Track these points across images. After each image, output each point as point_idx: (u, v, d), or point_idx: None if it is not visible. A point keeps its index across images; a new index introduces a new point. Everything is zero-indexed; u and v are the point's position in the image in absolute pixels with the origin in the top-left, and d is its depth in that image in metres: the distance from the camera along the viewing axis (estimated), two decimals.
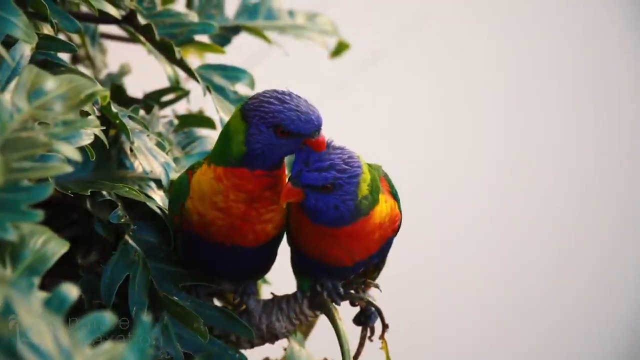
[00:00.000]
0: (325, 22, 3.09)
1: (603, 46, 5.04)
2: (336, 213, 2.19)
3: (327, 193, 2.16)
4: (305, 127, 2.15)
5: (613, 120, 4.96)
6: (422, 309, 4.50)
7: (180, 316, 2.27)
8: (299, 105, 2.16)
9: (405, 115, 4.95)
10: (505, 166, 4.88)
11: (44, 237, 1.73)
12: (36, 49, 2.14)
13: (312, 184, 2.16)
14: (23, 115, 1.66)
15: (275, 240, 2.36)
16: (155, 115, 2.71)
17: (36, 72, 1.71)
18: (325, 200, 2.17)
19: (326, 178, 2.15)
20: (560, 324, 4.56)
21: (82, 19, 2.66)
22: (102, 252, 2.46)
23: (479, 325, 4.54)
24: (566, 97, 5.01)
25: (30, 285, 1.62)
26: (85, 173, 2.43)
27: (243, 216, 2.25)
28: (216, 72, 2.66)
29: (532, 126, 4.95)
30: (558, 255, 4.71)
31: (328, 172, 2.14)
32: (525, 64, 5.04)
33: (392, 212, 2.29)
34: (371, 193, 2.21)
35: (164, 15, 2.61)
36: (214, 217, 2.26)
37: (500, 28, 5.07)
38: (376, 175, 2.26)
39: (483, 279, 4.65)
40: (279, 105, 2.15)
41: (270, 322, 2.41)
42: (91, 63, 2.99)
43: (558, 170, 4.89)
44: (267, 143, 2.17)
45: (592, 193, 4.84)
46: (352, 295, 2.37)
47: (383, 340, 2.39)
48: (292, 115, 2.14)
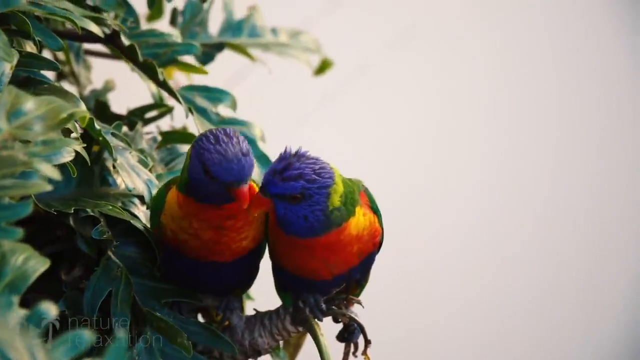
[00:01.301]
0: (308, 40, 3.11)
1: (596, 61, 5.06)
2: (305, 223, 2.18)
3: (296, 203, 2.15)
4: (224, 174, 2.12)
5: (612, 126, 4.98)
6: (406, 322, 4.50)
7: (164, 331, 2.27)
8: (227, 150, 2.12)
9: (391, 129, 4.96)
10: (493, 177, 4.90)
11: (25, 254, 1.73)
12: (19, 67, 2.14)
13: (281, 193, 2.14)
14: (3, 135, 1.67)
15: (254, 253, 2.37)
16: (138, 131, 2.72)
17: (15, 93, 1.72)
18: (294, 210, 2.16)
19: (294, 187, 2.13)
20: (558, 327, 4.57)
21: (66, 37, 2.68)
22: (85, 268, 2.46)
23: (473, 335, 4.55)
24: (556, 108, 5.02)
25: (9, 304, 1.62)
26: (68, 190, 2.44)
27: (214, 239, 2.27)
28: (199, 94, 2.66)
29: (519, 139, 4.97)
30: (556, 259, 4.73)
31: (296, 182, 2.13)
32: (511, 78, 5.05)
33: (371, 226, 2.29)
34: (345, 205, 2.20)
35: (148, 35, 2.62)
36: (186, 238, 2.28)
37: (486, 42, 5.09)
38: (354, 189, 2.25)
39: (477, 289, 4.66)
40: (211, 145, 2.13)
41: (252, 338, 2.42)
42: (75, 79, 2.99)
43: (554, 178, 4.90)
44: (198, 178, 2.17)
45: (591, 196, 4.86)
46: (334, 311, 2.37)
47: (366, 356, 2.40)
48: (216, 159, 2.12)
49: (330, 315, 2.39)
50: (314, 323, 2.36)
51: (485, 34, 5.09)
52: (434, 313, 4.60)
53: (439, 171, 4.90)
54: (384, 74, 4.96)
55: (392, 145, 4.89)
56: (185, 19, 2.97)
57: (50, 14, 2.24)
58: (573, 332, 4.60)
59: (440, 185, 4.86)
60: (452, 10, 5.05)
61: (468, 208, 4.85)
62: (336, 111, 4.79)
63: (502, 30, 5.07)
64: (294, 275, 2.34)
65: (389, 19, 5.02)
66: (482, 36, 5.09)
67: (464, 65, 5.05)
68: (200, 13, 3.00)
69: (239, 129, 2.61)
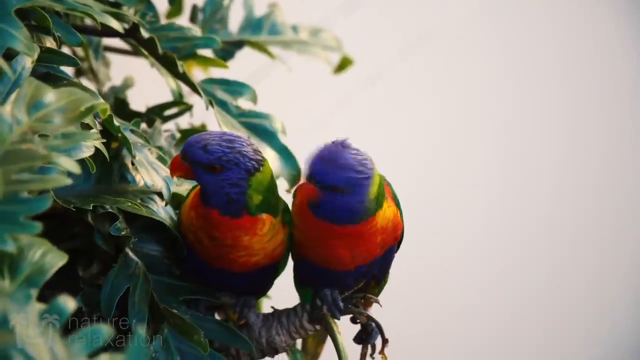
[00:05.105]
0: (329, 38, 3.10)
1: (604, 62, 5.05)
2: (347, 213, 2.21)
3: (343, 194, 2.18)
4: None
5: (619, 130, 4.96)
6: (418, 323, 4.50)
7: (181, 328, 2.26)
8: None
9: (409, 131, 4.95)
10: (508, 179, 4.89)
11: (43, 249, 1.73)
12: (38, 62, 2.14)
13: (331, 184, 2.18)
14: (22, 128, 1.67)
15: (269, 270, 2.38)
16: (157, 128, 2.72)
17: (36, 85, 1.72)
18: (342, 200, 2.19)
19: (341, 178, 2.17)
20: (560, 328, 4.56)
21: (86, 32, 2.67)
22: (103, 264, 2.46)
23: (482, 334, 4.55)
24: (569, 113, 5.01)
25: (27, 297, 1.62)
26: (87, 186, 2.43)
27: (210, 247, 2.28)
28: (219, 87, 2.66)
29: (534, 144, 4.96)
30: (562, 260, 4.72)
31: (345, 172, 2.16)
32: (525, 83, 5.04)
33: (395, 218, 2.32)
34: (377, 196, 2.23)
35: (167, 29, 2.62)
36: (192, 240, 2.29)
37: (501, 48, 5.08)
38: (381, 181, 2.28)
39: (486, 289, 4.66)
40: None
41: (270, 336, 2.41)
42: (94, 76, 2.99)
43: (559, 181, 4.89)
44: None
45: (593, 199, 4.84)
46: (351, 309, 2.37)
47: (383, 355, 2.38)
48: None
49: (348, 314, 2.38)
50: (332, 321, 2.36)
51: (500, 40, 5.07)
52: (445, 312, 4.60)
53: (452, 174, 4.90)
54: (401, 77, 4.95)
55: (405, 148, 4.89)
56: (206, 15, 2.97)
57: (70, 9, 2.24)
58: (577, 335, 4.60)
59: (454, 188, 4.85)
60: (468, 15, 5.03)
61: (487, 211, 4.84)
62: (351, 113, 4.79)
63: (517, 38, 5.06)
64: (316, 266, 2.34)
65: (405, 23, 5.02)
66: (498, 41, 5.07)
67: (478, 71, 5.04)
68: (220, 10, 2.99)
69: (260, 122, 2.61)
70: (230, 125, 2.57)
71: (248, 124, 2.63)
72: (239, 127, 2.60)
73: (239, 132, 2.58)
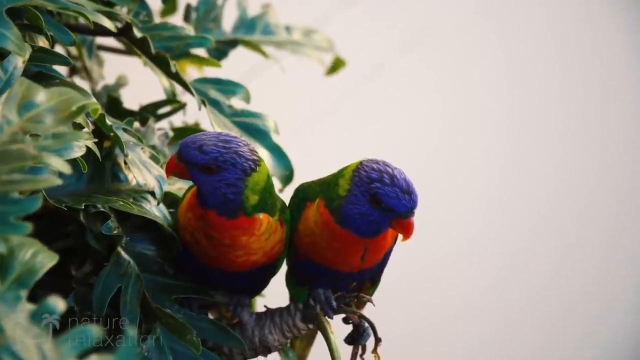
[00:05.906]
0: (321, 39, 3.10)
1: (604, 60, 5.05)
2: (374, 228, 2.24)
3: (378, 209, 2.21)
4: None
5: (613, 133, 4.97)
6: (413, 322, 4.50)
7: (173, 328, 2.26)
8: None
9: (406, 130, 4.95)
10: (506, 178, 4.89)
11: (33, 249, 1.72)
12: (30, 61, 2.14)
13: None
14: (13, 128, 1.67)
15: (267, 268, 2.37)
16: (150, 127, 2.71)
17: (27, 85, 1.71)
18: (370, 218, 2.22)
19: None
20: (561, 329, 4.56)
21: (79, 31, 2.67)
22: (96, 263, 2.45)
23: (479, 333, 4.55)
24: (568, 109, 5.01)
25: (17, 298, 1.62)
26: (79, 186, 2.43)
27: (208, 247, 2.28)
28: (212, 86, 2.65)
29: (533, 139, 4.96)
30: (564, 257, 4.72)
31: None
32: (526, 78, 5.04)
33: None
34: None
35: (160, 28, 2.61)
36: (189, 240, 2.29)
37: (501, 43, 5.08)
38: None
39: (484, 287, 4.66)
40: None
41: (263, 334, 2.41)
42: (88, 75, 2.99)
43: (558, 180, 4.89)
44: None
45: (593, 198, 4.84)
46: (344, 308, 2.37)
47: (376, 355, 2.38)
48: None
49: (341, 313, 2.38)
50: (325, 320, 2.36)
51: (499, 35, 5.08)
52: (440, 312, 4.60)
53: (449, 173, 4.90)
54: (397, 74, 4.94)
55: (404, 145, 4.88)
56: (199, 15, 2.96)
57: (62, 8, 2.23)
58: (578, 336, 4.60)
59: (452, 187, 4.85)
60: (466, 12, 5.03)
61: (486, 210, 4.85)
62: (349, 111, 4.79)
63: (516, 32, 5.06)
64: (321, 267, 2.34)
65: (405, 18, 5.01)
66: (498, 36, 5.07)
67: (478, 66, 5.04)
68: (214, 9, 2.99)
69: (253, 121, 2.61)
70: (222, 125, 2.57)
71: (241, 123, 2.63)
72: (232, 127, 2.60)
73: (232, 131, 2.57)
